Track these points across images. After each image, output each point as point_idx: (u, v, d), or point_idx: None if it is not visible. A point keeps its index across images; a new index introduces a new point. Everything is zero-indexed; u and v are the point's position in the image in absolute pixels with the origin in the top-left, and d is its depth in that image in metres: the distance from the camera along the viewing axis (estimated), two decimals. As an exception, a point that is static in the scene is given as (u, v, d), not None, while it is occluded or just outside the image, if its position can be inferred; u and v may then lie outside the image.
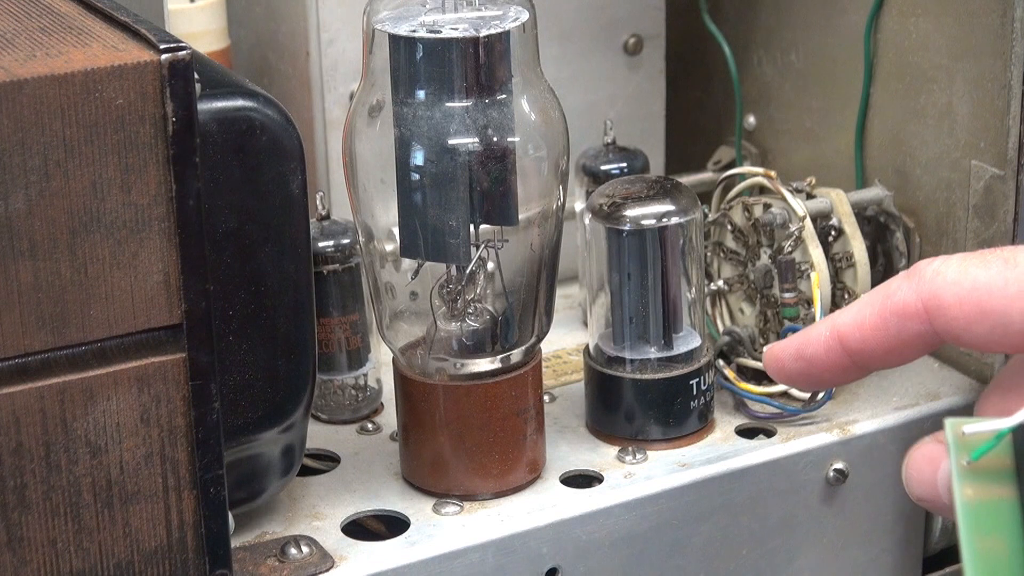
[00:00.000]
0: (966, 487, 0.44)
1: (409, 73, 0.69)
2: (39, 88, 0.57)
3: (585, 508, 0.73)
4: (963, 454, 0.44)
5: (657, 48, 0.95)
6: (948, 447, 0.44)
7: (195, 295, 0.61)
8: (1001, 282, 0.53)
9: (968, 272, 0.55)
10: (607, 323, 0.78)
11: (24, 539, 0.60)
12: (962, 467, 0.44)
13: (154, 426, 0.61)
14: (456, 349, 0.73)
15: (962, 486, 0.44)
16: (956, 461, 0.44)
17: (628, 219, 0.76)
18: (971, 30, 0.80)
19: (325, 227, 0.79)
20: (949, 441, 0.43)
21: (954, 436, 0.44)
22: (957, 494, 0.43)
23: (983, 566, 0.43)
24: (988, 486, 0.44)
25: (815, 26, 0.91)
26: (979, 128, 0.81)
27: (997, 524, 0.44)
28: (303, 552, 0.69)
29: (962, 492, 0.44)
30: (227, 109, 0.64)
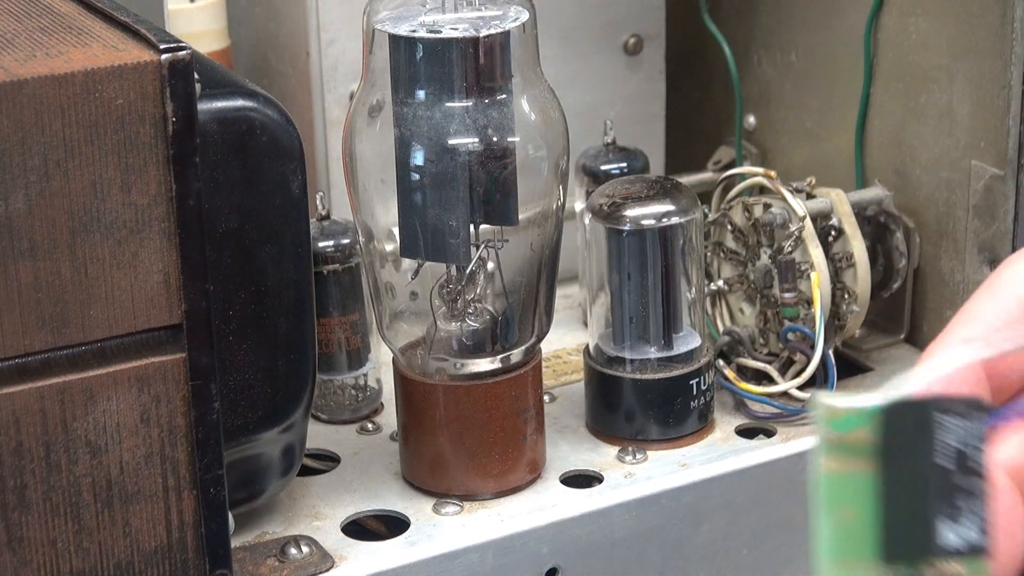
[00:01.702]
0: (828, 459, 0.45)
1: (409, 73, 0.69)
2: (39, 88, 0.57)
3: (585, 508, 0.73)
4: (829, 427, 0.45)
5: (657, 48, 0.95)
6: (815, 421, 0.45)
7: (195, 295, 0.61)
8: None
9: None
10: (607, 323, 0.78)
11: (24, 539, 0.60)
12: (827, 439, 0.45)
13: (154, 426, 0.61)
14: (456, 349, 0.73)
15: (825, 457, 0.45)
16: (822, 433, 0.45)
17: (628, 219, 0.76)
18: (971, 30, 0.80)
19: (325, 227, 0.79)
20: (816, 415, 0.45)
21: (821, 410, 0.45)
22: (820, 465, 0.45)
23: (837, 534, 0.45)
24: (849, 459, 0.45)
25: (815, 26, 0.91)
26: (979, 128, 0.81)
27: (853, 495, 0.45)
28: (303, 552, 0.69)
29: (825, 463, 0.45)
30: (227, 109, 0.64)
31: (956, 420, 0.44)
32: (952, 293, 0.85)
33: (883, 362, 0.86)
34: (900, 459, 0.45)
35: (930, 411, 0.44)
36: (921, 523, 0.44)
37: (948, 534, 0.44)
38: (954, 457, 0.44)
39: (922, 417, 0.44)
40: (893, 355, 0.87)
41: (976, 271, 0.82)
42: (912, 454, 0.44)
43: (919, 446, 0.44)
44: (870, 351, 0.87)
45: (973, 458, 0.44)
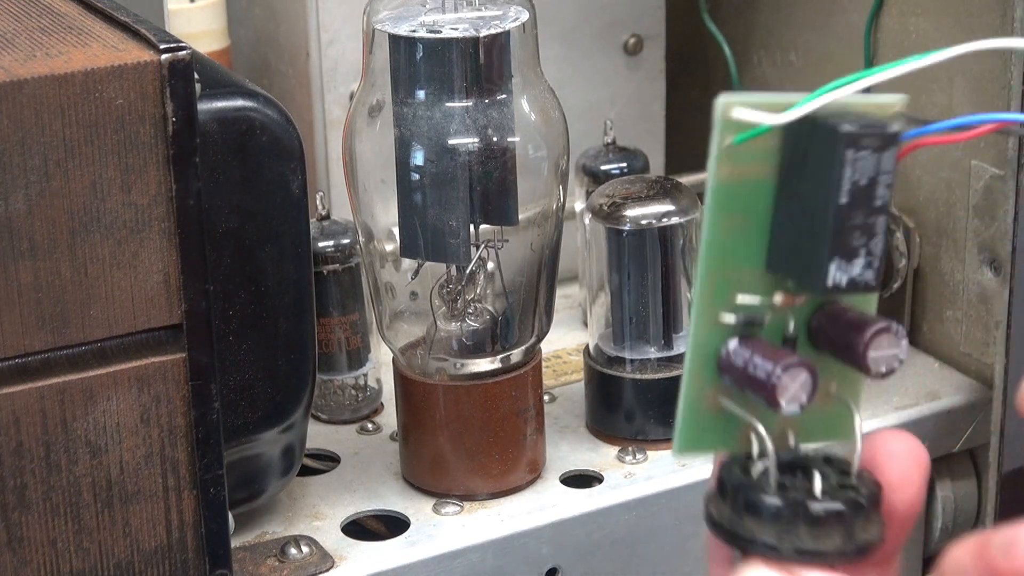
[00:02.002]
0: (723, 165, 0.44)
1: (409, 73, 0.69)
2: (39, 88, 0.57)
3: (585, 508, 0.73)
4: (728, 135, 0.44)
5: (657, 48, 0.95)
6: (715, 125, 0.43)
7: (195, 295, 0.61)
8: None
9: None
10: (607, 323, 0.78)
11: (24, 539, 0.60)
12: (724, 147, 0.44)
13: (154, 426, 0.61)
14: (456, 349, 0.73)
15: (719, 164, 0.44)
16: (720, 140, 0.44)
17: (628, 219, 0.76)
18: (971, 30, 0.80)
19: (325, 227, 0.79)
20: (717, 119, 0.43)
21: (723, 114, 0.43)
22: (712, 171, 0.44)
23: (719, 246, 0.44)
24: (746, 165, 0.44)
25: (815, 26, 0.91)
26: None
27: (746, 203, 0.44)
28: (303, 552, 0.69)
29: (718, 169, 0.44)
30: (227, 109, 0.64)
31: (866, 154, 0.43)
32: (952, 293, 0.85)
33: (883, 362, 0.86)
34: (801, 182, 0.43)
35: (841, 145, 0.42)
36: (811, 257, 0.43)
37: (837, 274, 0.43)
38: (858, 194, 0.43)
39: (831, 147, 0.42)
40: (893, 355, 0.87)
41: (976, 271, 0.82)
42: (814, 181, 0.43)
43: (822, 176, 0.43)
44: (870, 351, 0.87)
45: (879, 194, 0.43)
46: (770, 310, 0.45)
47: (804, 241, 0.43)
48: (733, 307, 0.44)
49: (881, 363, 0.43)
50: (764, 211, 0.44)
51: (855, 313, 0.44)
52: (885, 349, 0.43)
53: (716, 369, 0.45)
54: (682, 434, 0.45)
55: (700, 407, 0.45)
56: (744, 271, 0.44)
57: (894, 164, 0.43)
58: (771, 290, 0.45)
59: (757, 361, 0.43)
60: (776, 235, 0.44)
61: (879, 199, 0.43)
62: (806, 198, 0.43)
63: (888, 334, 0.43)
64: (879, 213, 0.43)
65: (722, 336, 0.44)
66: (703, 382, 0.45)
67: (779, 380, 0.43)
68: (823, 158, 0.43)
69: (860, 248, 0.43)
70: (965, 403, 0.82)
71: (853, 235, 0.43)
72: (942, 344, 0.86)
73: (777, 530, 0.42)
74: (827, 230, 0.43)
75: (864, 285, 0.43)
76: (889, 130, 0.43)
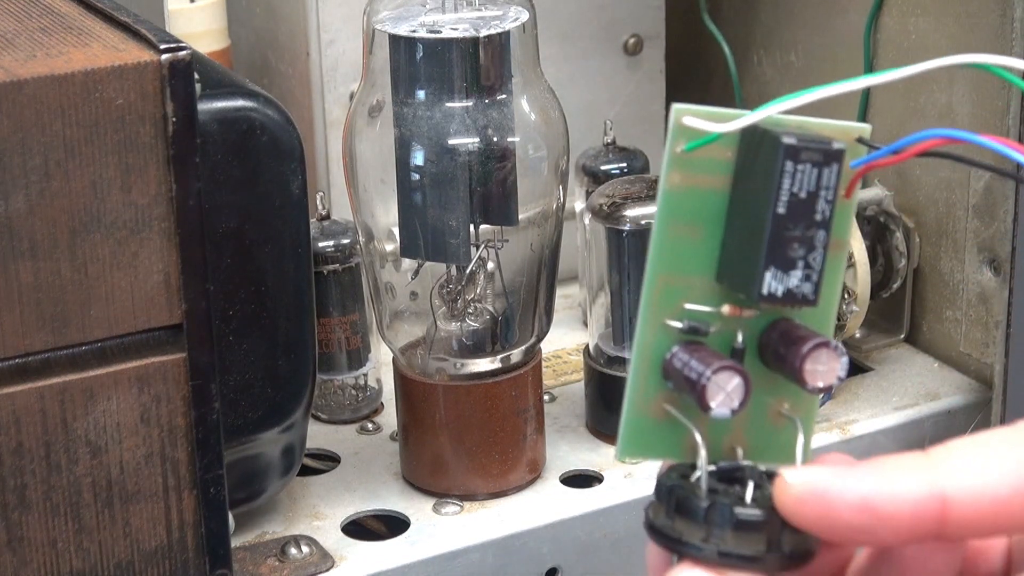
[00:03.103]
0: (674, 173, 0.44)
1: (409, 73, 0.69)
2: (39, 88, 0.57)
3: (585, 508, 0.73)
4: (680, 141, 0.44)
5: (657, 48, 0.95)
6: (668, 131, 0.44)
7: (195, 295, 0.61)
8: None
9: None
10: (607, 323, 0.78)
11: (24, 539, 0.60)
12: (676, 154, 0.44)
13: (154, 426, 0.61)
14: (456, 349, 0.73)
15: (670, 172, 0.44)
16: (671, 146, 0.44)
17: (628, 219, 0.76)
18: (971, 30, 0.80)
19: (325, 227, 0.79)
20: (670, 126, 0.43)
21: (676, 122, 0.43)
22: (663, 179, 0.44)
23: (667, 254, 0.44)
24: (698, 174, 0.44)
25: (815, 26, 0.91)
26: (979, 127, 0.81)
27: (697, 213, 0.44)
28: (303, 552, 0.69)
29: (668, 177, 0.44)
30: (227, 109, 0.64)
31: (807, 167, 0.43)
32: (952, 293, 0.85)
33: (883, 362, 0.86)
34: (747, 192, 0.44)
35: (780, 155, 0.42)
36: (749, 266, 0.43)
37: (772, 283, 0.43)
38: (796, 205, 0.43)
39: (772, 158, 0.43)
40: (893, 355, 0.87)
41: (976, 271, 0.82)
42: (756, 191, 0.43)
43: (765, 186, 0.43)
44: (870, 351, 0.87)
45: (820, 208, 0.43)
46: (719, 320, 0.45)
47: (745, 250, 0.44)
48: (680, 313, 0.45)
49: (818, 377, 0.44)
50: (717, 221, 0.44)
51: (803, 330, 0.44)
52: (823, 363, 0.44)
53: (661, 374, 0.45)
54: (625, 437, 0.45)
55: (645, 412, 0.45)
56: (694, 279, 0.45)
57: (836, 181, 0.43)
58: (720, 300, 0.45)
59: (692, 363, 0.44)
60: (726, 245, 0.44)
61: (819, 213, 0.43)
62: (750, 208, 0.44)
63: (827, 349, 0.43)
64: (820, 227, 0.43)
65: (668, 342, 0.45)
66: (648, 386, 0.45)
67: (708, 381, 0.43)
68: (766, 168, 0.43)
69: (798, 260, 0.43)
70: (965, 403, 0.82)
71: (790, 246, 0.43)
72: (942, 344, 0.86)
73: (704, 532, 0.43)
74: (764, 239, 0.43)
75: (802, 297, 0.43)
76: (832, 147, 0.43)
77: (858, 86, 0.44)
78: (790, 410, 0.46)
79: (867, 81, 0.44)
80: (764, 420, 0.46)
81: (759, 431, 0.46)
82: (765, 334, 0.45)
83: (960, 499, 0.40)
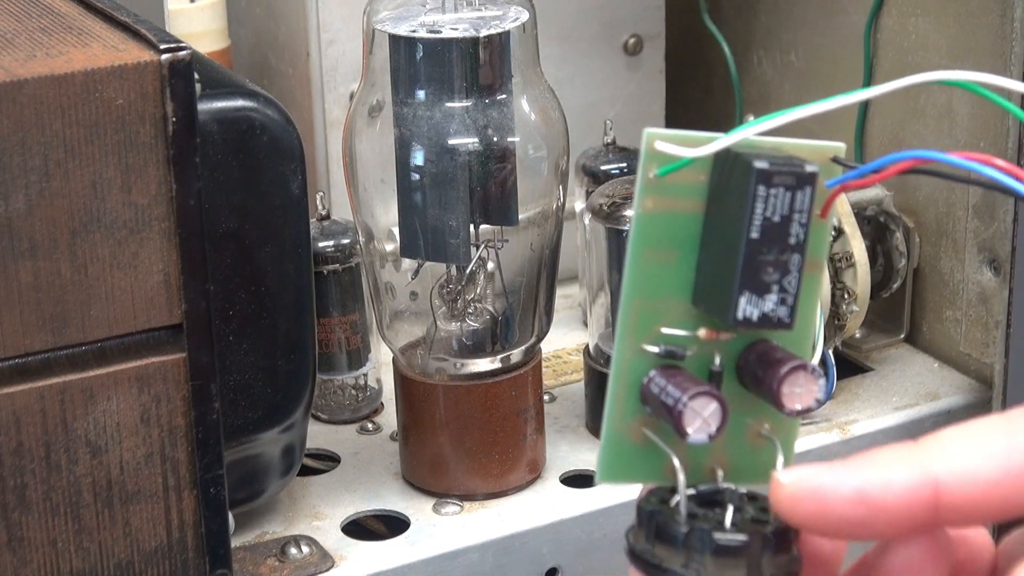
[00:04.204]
0: (647, 198, 0.44)
1: (409, 73, 0.69)
2: (39, 88, 0.57)
3: (585, 508, 0.73)
4: (652, 166, 0.43)
5: (657, 48, 0.95)
6: (640, 156, 0.43)
7: (195, 295, 0.61)
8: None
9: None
10: (607, 323, 0.78)
11: (24, 539, 0.60)
12: (648, 178, 0.43)
13: (154, 426, 0.61)
14: (456, 349, 0.73)
15: (644, 197, 0.44)
16: (644, 172, 0.43)
17: (628, 219, 0.76)
18: (971, 30, 0.80)
19: (325, 227, 0.79)
20: (642, 151, 0.43)
21: (648, 147, 0.43)
22: (636, 204, 0.44)
23: (642, 278, 0.44)
24: (672, 199, 0.44)
25: (815, 26, 0.91)
26: (979, 128, 0.81)
27: (672, 237, 0.44)
28: (303, 552, 0.69)
29: (642, 202, 0.44)
30: (227, 109, 0.64)
31: (779, 191, 0.42)
32: (952, 293, 0.85)
33: (883, 362, 0.86)
34: (720, 216, 0.43)
35: (753, 179, 0.42)
36: (723, 290, 0.43)
37: (747, 307, 0.43)
38: (769, 230, 0.42)
39: (745, 182, 0.42)
40: (893, 355, 0.87)
41: (976, 271, 0.82)
42: (729, 215, 0.43)
43: (737, 210, 0.43)
44: (870, 351, 0.87)
45: (793, 232, 0.43)
46: (696, 343, 0.45)
47: (720, 274, 0.43)
48: (656, 337, 0.44)
49: (795, 400, 0.44)
50: (692, 245, 0.44)
51: (780, 352, 0.44)
52: (800, 386, 0.43)
53: (638, 398, 0.45)
54: (604, 462, 0.45)
55: (624, 436, 0.45)
56: (670, 303, 0.44)
57: (809, 204, 0.43)
58: (697, 324, 0.44)
59: (669, 389, 0.43)
60: (700, 269, 0.44)
61: (793, 237, 0.43)
62: (723, 232, 0.43)
63: (804, 372, 0.43)
64: (794, 251, 0.43)
65: (645, 366, 0.44)
66: (625, 410, 0.45)
67: (685, 407, 0.43)
68: (738, 192, 0.43)
69: (772, 284, 0.43)
70: (965, 403, 0.82)
71: (764, 270, 0.43)
72: (942, 344, 0.86)
73: (684, 558, 0.43)
74: (738, 263, 0.43)
75: (777, 321, 0.43)
76: (805, 170, 0.43)
77: (831, 107, 0.44)
78: (770, 431, 0.46)
79: (840, 101, 0.44)
80: (744, 441, 0.45)
81: (739, 452, 0.45)
82: (743, 356, 0.45)
83: (951, 483, 0.40)
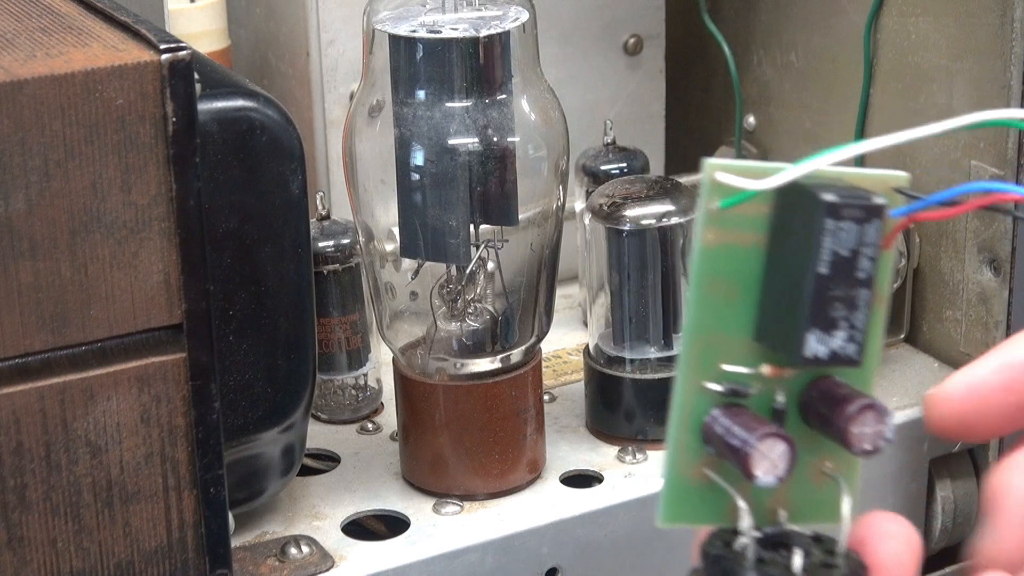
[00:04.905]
0: (709, 231, 0.43)
1: (409, 73, 0.69)
2: (39, 88, 0.57)
3: (585, 508, 0.73)
4: (714, 198, 0.42)
5: (657, 48, 0.95)
6: (702, 188, 0.42)
7: (195, 295, 0.61)
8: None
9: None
10: (607, 323, 0.78)
11: (24, 539, 0.60)
12: (710, 211, 0.42)
13: (154, 426, 0.61)
14: (456, 349, 0.73)
15: (705, 229, 0.43)
16: (705, 204, 0.42)
17: (628, 219, 0.76)
18: (971, 30, 0.80)
19: (325, 227, 0.79)
20: (703, 183, 0.42)
21: (709, 178, 0.42)
22: (697, 237, 0.43)
23: (704, 313, 0.43)
24: (734, 231, 0.43)
25: (815, 26, 0.91)
26: (979, 128, 0.81)
27: (733, 271, 0.43)
28: (303, 552, 0.69)
29: (703, 235, 0.43)
30: (227, 109, 0.64)
31: (849, 224, 0.41)
32: (952, 293, 0.85)
33: (883, 362, 0.86)
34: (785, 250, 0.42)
35: (821, 214, 0.41)
36: (790, 327, 0.42)
37: (816, 345, 0.42)
38: (839, 264, 0.41)
39: (812, 216, 0.41)
40: (893, 355, 0.87)
41: (976, 271, 0.82)
42: (796, 250, 0.42)
43: (803, 244, 0.42)
44: (870, 351, 0.87)
45: (862, 266, 0.42)
46: (758, 381, 0.44)
47: (785, 311, 0.42)
48: (719, 375, 0.43)
49: (865, 440, 0.43)
50: (754, 279, 0.43)
51: (846, 389, 0.43)
52: (869, 426, 0.43)
53: (700, 438, 0.44)
54: (666, 504, 0.44)
55: (685, 477, 0.44)
56: (732, 339, 0.43)
57: (879, 237, 0.42)
58: (759, 360, 0.44)
59: (735, 430, 0.42)
60: (763, 304, 0.43)
61: (862, 271, 0.42)
62: (789, 267, 0.42)
63: (873, 411, 0.43)
64: (862, 286, 0.42)
65: (707, 404, 0.43)
66: (688, 451, 0.44)
67: (753, 450, 0.42)
68: (805, 227, 0.42)
69: (840, 320, 0.42)
70: (965, 403, 0.82)
71: (833, 306, 0.42)
72: (942, 344, 0.86)
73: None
74: (806, 300, 0.42)
75: (846, 359, 0.42)
76: (873, 202, 0.42)
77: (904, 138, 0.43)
78: (833, 468, 0.45)
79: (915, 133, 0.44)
80: (806, 479, 0.44)
81: (801, 491, 0.44)
82: (806, 393, 0.44)
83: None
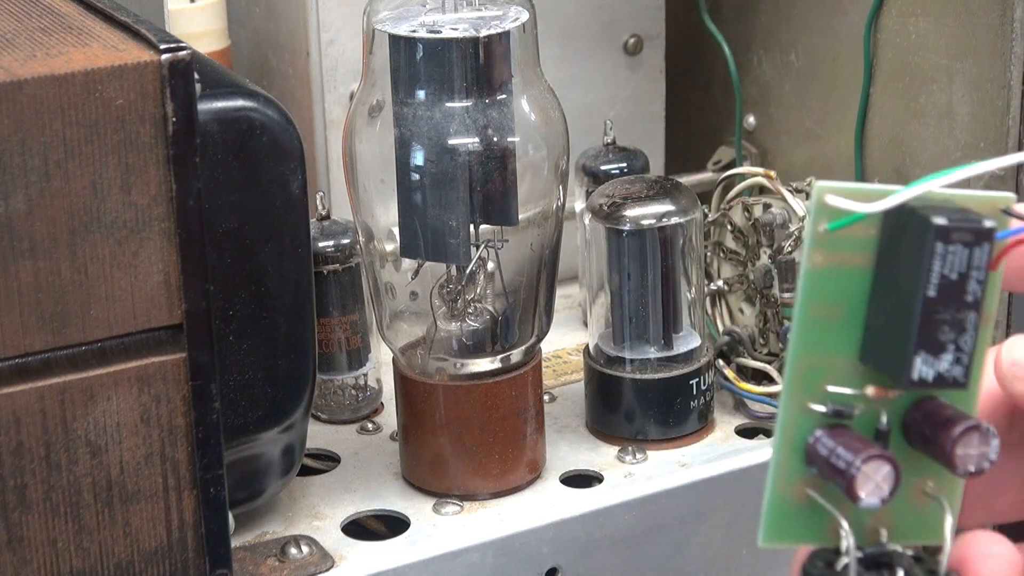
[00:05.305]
0: (817, 253, 0.43)
1: (409, 73, 0.69)
2: (39, 88, 0.57)
3: (585, 508, 0.73)
4: (823, 220, 0.43)
5: (657, 48, 0.95)
6: (810, 211, 0.42)
7: (195, 295, 0.61)
8: None
9: None
10: (607, 323, 0.78)
11: (24, 539, 0.60)
12: (819, 233, 0.43)
13: (154, 426, 0.61)
14: (456, 349, 0.73)
15: (813, 251, 0.43)
16: (814, 226, 0.43)
17: (628, 219, 0.76)
18: (971, 30, 0.80)
19: (325, 227, 0.79)
20: (812, 204, 0.42)
21: (818, 201, 0.42)
22: (805, 258, 0.43)
23: (809, 334, 0.43)
24: (842, 253, 0.43)
25: (815, 26, 0.91)
26: (979, 128, 0.81)
27: (840, 293, 0.43)
28: (303, 552, 0.69)
29: (811, 257, 0.43)
30: (227, 109, 0.64)
31: (958, 248, 0.41)
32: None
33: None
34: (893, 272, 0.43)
35: (931, 237, 0.41)
36: (897, 349, 0.42)
37: (923, 368, 0.42)
38: (947, 287, 0.42)
39: (922, 238, 0.42)
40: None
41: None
42: (904, 273, 0.42)
43: (912, 267, 0.42)
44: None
45: (971, 289, 0.42)
46: (862, 402, 0.44)
47: (893, 333, 0.42)
48: (823, 396, 0.44)
49: (969, 462, 0.43)
50: (860, 300, 0.43)
51: (950, 410, 0.43)
52: (974, 447, 0.43)
53: (803, 459, 0.44)
54: (768, 524, 0.44)
55: (787, 497, 0.44)
56: (837, 360, 0.43)
57: (987, 260, 0.42)
58: (864, 382, 0.44)
59: (840, 451, 0.43)
60: (869, 326, 0.43)
61: (970, 295, 0.42)
62: (897, 289, 0.42)
63: (977, 433, 0.43)
64: (970, 309, 0.42)
65: (811, 425, 0.44)
66: (790, 471, 0.44)
67: (858, 472, 0.42)
68: (914, 249, 0.42)
69: (948, 343, 0.42)
70: (965, 403, 0.82)
71: (941, 329, 0.42)
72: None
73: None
74: (914, 322, 0.42)
75: (952, 381, 0.42)
76: (983, 225, 0.42)
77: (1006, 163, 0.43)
78: (934, 489, 0.45)
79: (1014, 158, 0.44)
80: (908, 499, 0.45)
81: (903, 511, 0.45)
82: (909, 414, 0.44)
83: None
